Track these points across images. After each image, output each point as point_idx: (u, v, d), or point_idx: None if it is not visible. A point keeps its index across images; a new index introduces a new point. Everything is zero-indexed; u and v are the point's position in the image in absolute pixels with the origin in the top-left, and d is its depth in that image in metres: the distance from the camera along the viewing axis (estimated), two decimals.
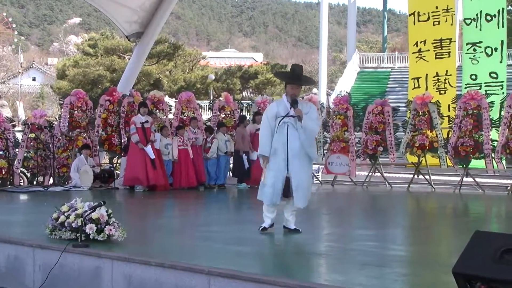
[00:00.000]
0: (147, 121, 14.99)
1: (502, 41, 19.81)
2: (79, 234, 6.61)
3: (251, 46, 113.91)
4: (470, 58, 20.19)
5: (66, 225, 6.79)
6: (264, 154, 7.57)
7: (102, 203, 6.81)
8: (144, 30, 23.97)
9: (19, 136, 16.73)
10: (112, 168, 16.84)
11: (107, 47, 51.38)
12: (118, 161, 17.46)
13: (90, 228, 6.63)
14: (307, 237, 7.53)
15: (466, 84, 20.12)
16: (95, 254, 6.26)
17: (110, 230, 6.69)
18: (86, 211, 6.75)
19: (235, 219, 10.01)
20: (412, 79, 21.44)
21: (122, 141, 16.58)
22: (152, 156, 14.76)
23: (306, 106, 7.63)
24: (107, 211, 6.81)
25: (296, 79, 7.70)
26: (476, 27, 20.08)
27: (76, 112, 16.69)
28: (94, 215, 6.70)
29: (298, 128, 7.44)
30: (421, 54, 21.09)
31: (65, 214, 6.87)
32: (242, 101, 47.11)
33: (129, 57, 41.78)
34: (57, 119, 19.36)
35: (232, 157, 16.83)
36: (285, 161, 7.47)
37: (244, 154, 16.39)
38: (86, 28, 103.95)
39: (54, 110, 54.90)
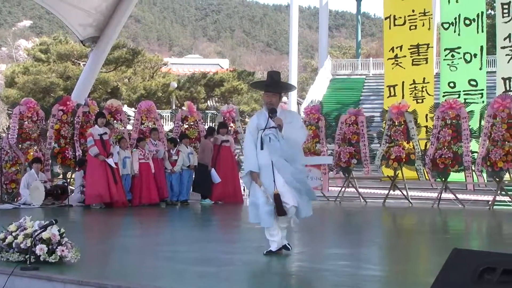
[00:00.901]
0: (105, 133, 14.91)
1: (481, 47, 20.05)
2: (28, 255, 6.53)
3: (216, 51, 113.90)
4: (448, 64, 20.41)
5: (14, 246, 6.71)
6: (253, 169, 7.39)
7: (53, 221, 6.75)
8: (101, 34, 23.87)
9: None
10: (66, 184, 16.69)
11: (60, 52, 50.98)
12: (72, 176, 17.32)
13: (41, 249, 6.56)
14: (276, 257, 7.53)
15: (444, 92, 20.32)
16: (45, 278, 6.19)
17: (63, 251, 6.62)
18: (36, 231, 6.67)
19: (199, 238, 9.98)
20: (387, 87, 21.60)
21: (77, 154, 16.46)
22: (113, 165, 14.71)
23: (288, 114, 7.59)
24: (59, 231, 6.75)
25: (272, 86, 7.65)
26: (455, 31, 20.32)
27: (26, 123, 16.55)
28: (45, 235, 6.63)
29: (280, 139, 7.34)
30: (397, 60, 21.28)
31: (13, 234, 6.79)
32: (207, 111, 47.10)
33: (84, 63, 41.50)
34: (5, 130, 19.18)
35: (194, 171, 16.81)
36: (272, 177, 7.33)
37: (213, 168, 16.38)
38: (37, 32, 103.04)
39: (2, 121, 54.24)
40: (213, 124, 18.94)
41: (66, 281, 6.04)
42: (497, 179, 15.81)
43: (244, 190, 17.68)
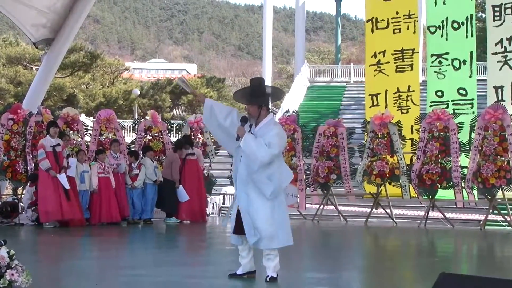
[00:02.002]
0: (58, 144, 14.80)
1: (471, 53, 20.26)
2: None
3: (183, 55, 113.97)
4: (435, 71, 20.59)
5: None
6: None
7: (2, 242, 6.69)
8: (55, 35, 23.78)
9: None
10: (16, 200, 16.54)
11: (10, 55, 50.65)
12: (23, 192, 17.18)
13: None
14: (248, 282, 7.52)
15: (431, 102, 20.48)
16: None
17: (12, 275, 6.56)
18: None
19: (163, 261, 9.95)
20: (369, 95, 21.75)
21: (29, 168, 16.32)
22: (67, 186, 14.55)
23: (267, 127, 7.42)
24: (8, 252, 6.69)
25: (251, 96, 7.55)
26: (442, 36, 20.52)
27: None
28: None
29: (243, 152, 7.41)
30: (380, 67, 21.43)
31: None
32: (172, 121, 46.98)
33: (37, 67, 41.30)
34: None
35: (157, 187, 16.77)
36: (236, 191, 7.55)
37: (181, 186, 16.34)
38: None
39: None
40: (180, 135, 18.86)
41: None
42: (489, 197, 15.92)
43: (213, 207, 17.65)
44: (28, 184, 16.13)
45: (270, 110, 7.65)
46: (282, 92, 8.51)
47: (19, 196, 17.00)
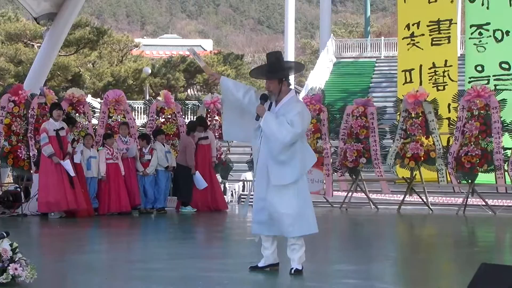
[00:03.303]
0: (62, 128, 14.83)
1: None
2: None
3: (198, 30, 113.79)
4: (475, 44, 20.44)
5: None
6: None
7: (4, 234, 6.74)
8: (58, 10, 23.79)
9: None
10: (19, 189, 16.65)
11: (10, 32, 50.84)
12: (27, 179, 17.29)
13: None
14: (271, 275, 7.54)
15: (470, 78, 20.35)
16: None
17: (16, 269, 6.62)
18: None
19: (179, 254, 9.99)
20: (402, 71, 21.67)
21: (31, 154, 16.40)
22: (72, 173, 14.60)
23: (290, 105, 7.42)
24: (11, 245, 6.74)
25: (269, 71, 7.60)
26: (483, 4, 20.34)
27: None
28: None
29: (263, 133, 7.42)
30: (413, 40, 21.34)
31: None
32: (187, 102, 46.97)
33: (39, 45, 41.38)
34: None
35: (173, 173, 16.82)
36: (255, 177, 7.57)
37: (197, 172, 16.37)
38: None
39: None
40: (194, 117, 18.83)
41: None
42: None
43: (232, 195, 17.68)
44: (34, 171, 16.16)
45: (291, 87, 7.64)
46: (303, 65, 8.41)
47: (22, 185, 17.10)
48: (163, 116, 18.44)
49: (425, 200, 17.48)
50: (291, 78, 7.96)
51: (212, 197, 16.93)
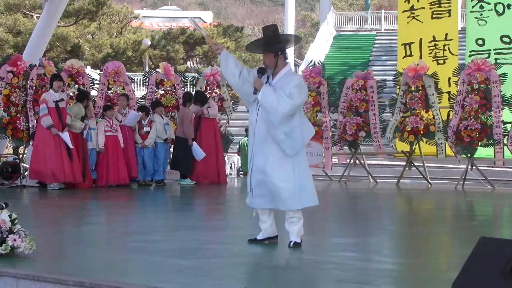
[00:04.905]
0: (62, 99, 14.81)
1: None
2: None
3: (197, 2, 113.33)
4: (476, 17, 20.38)
5: None
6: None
7: (3, 205, 6.74)
8: None
9: None
10: (18, 161, 16.65)
11: (9, 2, 50.55)
12: (25, 152, 17.28)
13: None
14: (269, 248, 7.55)
15: (471, 51, 20.32)
16: None
17: (15, 240, 6.62)
18: None
19: (178, 225, 10.01)
20: (402, 45, 21.62)
21: (30, 125, 16.39)
22: (70, 145, 14.60)
23: (287, 78, 7.43)
24: (10, 216, 6.74)
25: (265, 45, 7.60)
26: None
27: None
28: None
29: (261, 107, 7.42)
30: (413, 13, 21.27)
31: None
32: (186, 74, 46.88)
33: (38, 15, 41.22)
34: None
35: (172, 146, 16.82)
36: (252, 150, 7.55)
37: (195, 143, 16.36)
38: None
39: None
40: (193, 90, 18.80)
41: (18, 276, 6.03)
42: None
43: (231, 168, 17.68)
44: (31, 143, 16.18)
45: (288, 60, 7.63)
46: (299, 38, 8.41)
47: (21, 156, 17.11)
48: (163, 88, 18.42)
49: (424, 173, 17.49)
50: (290, 51, 7.97)
51: (216, 169, 16.92)
